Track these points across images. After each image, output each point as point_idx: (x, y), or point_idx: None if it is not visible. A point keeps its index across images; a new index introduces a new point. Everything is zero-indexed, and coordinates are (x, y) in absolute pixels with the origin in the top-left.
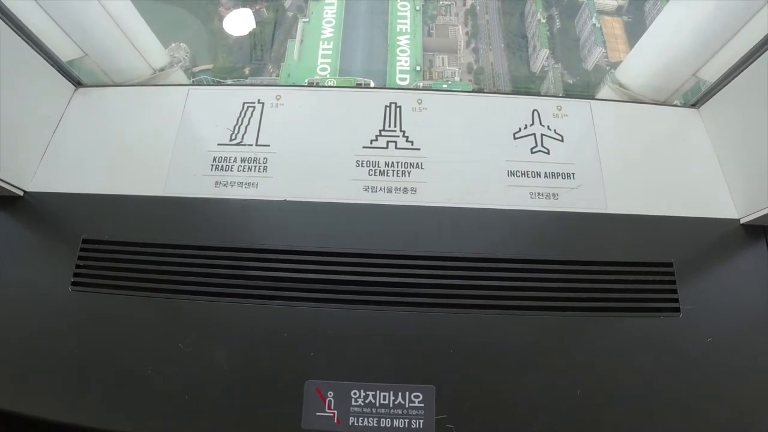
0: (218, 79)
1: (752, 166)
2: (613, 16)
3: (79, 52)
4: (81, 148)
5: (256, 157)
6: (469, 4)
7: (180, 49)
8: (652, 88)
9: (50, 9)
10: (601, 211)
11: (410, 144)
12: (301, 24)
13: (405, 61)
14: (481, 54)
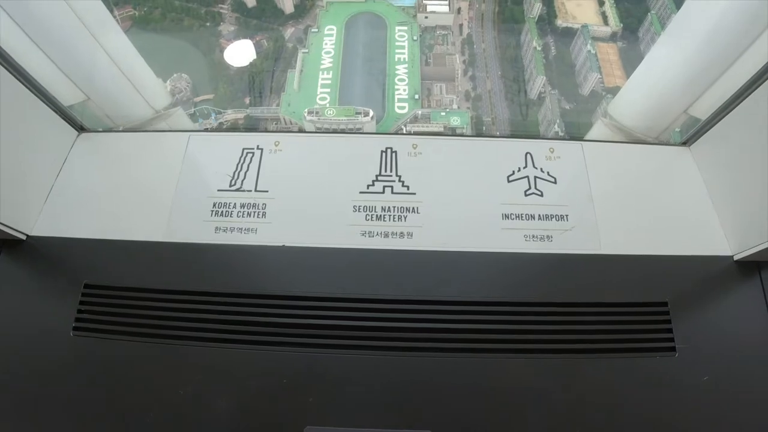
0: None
1: (744, 203)
2: (607, 43)
3: (82, 96)
4: (83, 193)
5: (255, 202)
6: (465, 34)
7: (182, 80)
8: (644, 124)
9: (53, 54)
10: (595, 252)
11: (406, 188)
12: (301, 55)
13: (403, 90)
14: (479, 82)
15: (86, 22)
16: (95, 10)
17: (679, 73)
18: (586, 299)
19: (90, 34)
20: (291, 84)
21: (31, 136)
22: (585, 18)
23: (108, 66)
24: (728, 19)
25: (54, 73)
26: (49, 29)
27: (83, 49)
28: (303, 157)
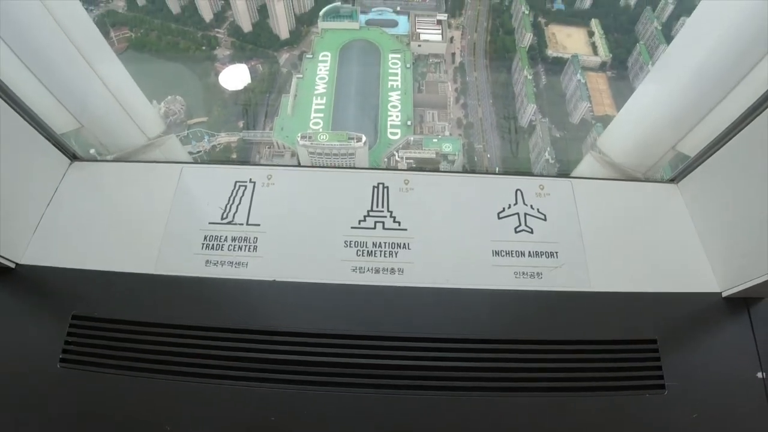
0: (212, 132)
1: (732, 239)
2: (597, 72)
3: (75, 124)
4: (74, 223)
5: (246, 236)
6: (458, 62)
7: (176, 102)
8: (633, 159)
9: (47, 81)
10: (585, 290)
11: (397, 224)
12: (295, 80)
13: (396, 116)
14: (471, 109)
15: (82, 49)
16: (91, 37)
17: (667, 110)
18: (576, 337)
19: (85, 61)
20: (285, 108)
21: (22, 163)
22: (575, 48)
23: (103, 93)
24: (715, 57)
25: (48, 101)
26: (44, 56)
27: (78, 77)
28: (295, 191)
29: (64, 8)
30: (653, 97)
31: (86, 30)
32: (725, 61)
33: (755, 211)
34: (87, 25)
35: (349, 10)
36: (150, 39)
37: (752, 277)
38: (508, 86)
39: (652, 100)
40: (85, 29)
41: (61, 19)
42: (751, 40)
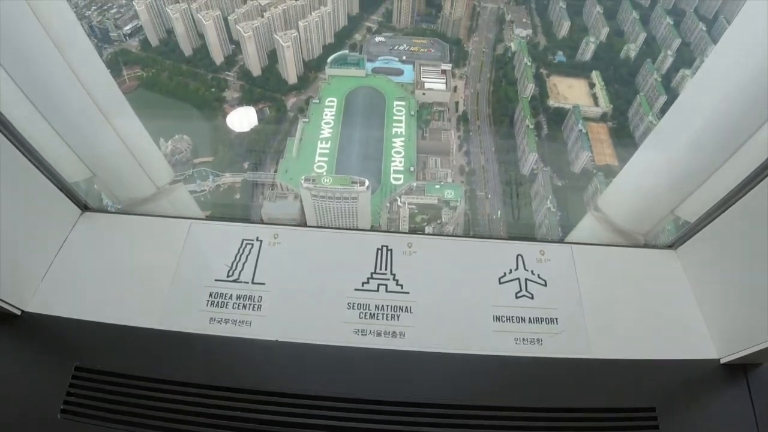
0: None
1: (730, 306)
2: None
3: (88, 173)
4: (82, 273)
5: (251, 295)
6: (461, 111)
7: (182, 141)
8: (632, 221)
9: (62, 131)
10: (584, 357)
11: (400, 287)
12: (301, 123)
13: (399, 162)
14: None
15: (98, 100)
16: (107, 89)
17: (665, 175)
18: (576, 405)
19: (101, 112)
20: (290, 151)
21: (34, 211)
22: (576, 99)
23: (116, 143)
24: (714, 124)
25: (62, 149)
26: (60, 106)
27: (93, 127)
28: (301, 251)
29: (83, 61)
30: (652, 161)
31: (103, 82)
32: (723, 128)
33: (753, 279)
34: (104, 77)
35: (356, 58)
36: (161, 79)
37: (751, 344)
38: (510, 135)
39: (650, 165)
40: (102, 81)
41: (79, 70)
42: (749, 107)
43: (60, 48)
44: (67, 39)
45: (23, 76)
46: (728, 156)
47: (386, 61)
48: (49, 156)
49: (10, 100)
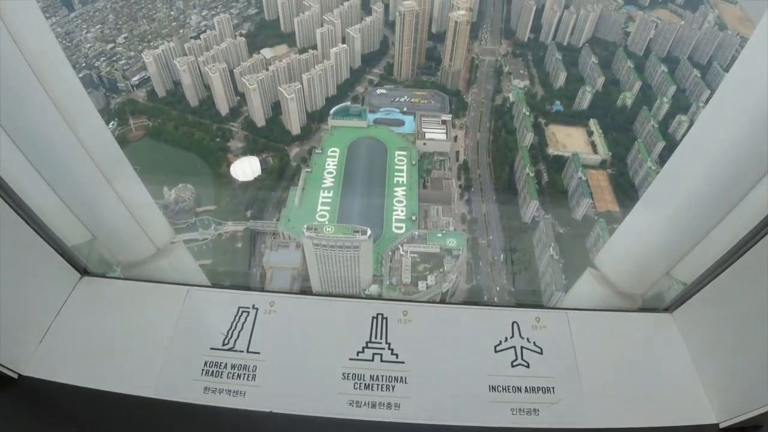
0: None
1: (729, 370)
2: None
3: (89, 235)
4: (80, 338)
5: (246, 364)
6: (462, 160)
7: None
8: (628, 281)
9: (63, 194)
10: (582, 427)
11: (395, 357)
12: (304, 173)
13: (401, 211)
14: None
15: (100, 163)
16: (110, 152)
17: (659, 236)
18: None
19: (103, 175)
20: (292, 200)
21: (33, 275)
22: (575, 147)
23: (117, 205)
24: (706, 186)
25: (63, 212)
26: (62, 169)
27: (95, 189)
28: (296, 319)
29: (85, 123)
30: (646, 222)
31: (106, 145)
32: (715, 190)
33: (751, 341)
34: (107, 141)
35: (358, 109)
36: (167, 128)
37: (750, 407)
38: (510, 183)
39: (644, 225)
40: (105, 145)
41: (81, 133)
42: (740, 169)
43: (62, 110)
44: (70, 102)
45: (25, 139)
46: (721, 218)
47: (387, 112)
48: (49, 219)
49: (11, 162)
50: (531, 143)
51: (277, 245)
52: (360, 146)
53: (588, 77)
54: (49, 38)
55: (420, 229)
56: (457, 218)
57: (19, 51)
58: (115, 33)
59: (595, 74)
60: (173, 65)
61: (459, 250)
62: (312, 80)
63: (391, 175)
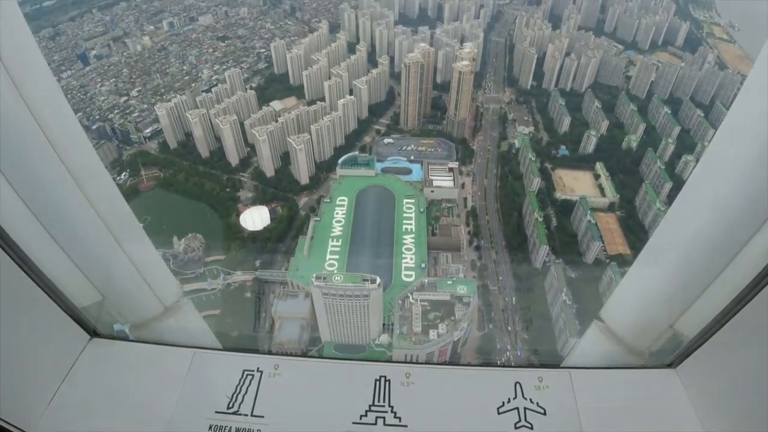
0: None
1: (734, 423)
2: (606, 213)
3: (98, 296)
4: (88, 400)
5: (250, 428)
6: (470, 206)
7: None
8: (633, 334)
9: (74, 256)
10: None
11: (398, 420)
12: (313, 222)
13: (410, 259)
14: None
15: (111, 225)
16: (120, 214)
17: (660, 290)
18: None
19: (113, 237)
20: (301, 250)
21: (44, 337)
22: (582, 190)
23: (127, 267)
24: (702, 241)
25: (73, 274)
26: (72, 230)
27: (104, 250)
28: (300, 382)
29: (96, 186)
30: (648, 275)
31: (116, 205)
32: (713, 242)
33: (755, 394)
34: (117, 201)
35: (366, 158)
36: (178, 179)
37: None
38: (519, 229)
39: (647, 279)
40: (115, 205)
41: (92, 195)
42: (736, 222)
43: (72, 172)
44: (81, 164)
45: (35, 201)
46: (720, 270)
47: (395, 161)
48: (59, 280)
49: (21, 223)
50: (538, 188)
51: (285, 295)
52: (368, 195)
53: (592, 121)
54: (63, 104)
55: (430, 276)
56: (467, 265)
57: (32, 115)
58: (129, 86)
59: (598, 118)
60: (185, 117)
61: (470, 297)
62: (320, 131)
63: (400, 222)
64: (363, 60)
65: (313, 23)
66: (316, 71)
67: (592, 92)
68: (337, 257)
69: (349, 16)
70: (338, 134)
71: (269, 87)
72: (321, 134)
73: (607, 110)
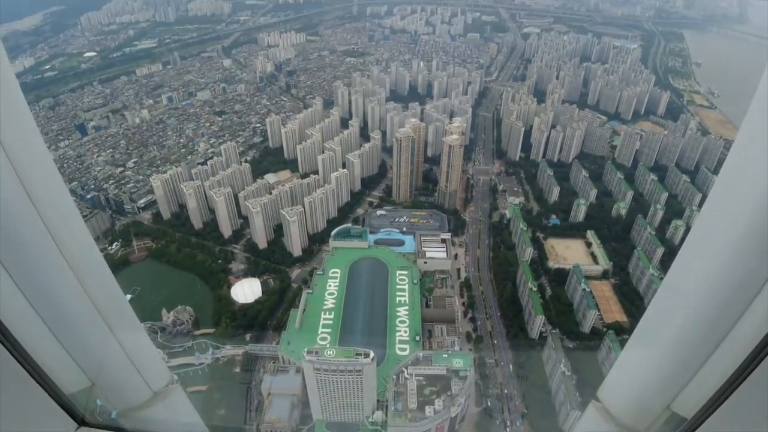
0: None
1: None
2: (600, 280)
3: (87, 382)
4: None
5: None
6: (463, 277)
7: (185, 312)
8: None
9: (64, 340)
10: None
11: None
12: (305, 295)
13: (404, 331)
14: (479, 323)
15: (102, 310)
16: (112, 297)
17: (655, 369)
18: None
19: (104, 321)
20: (293, 323)
21: (30, 425)
22: (575, 258)
23: (116, 351)
24: (694, 319)
25: (63, 358)
26: (64, 314)
27: (96, 334)
28: None
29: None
30: (642, 356)
31: (109, 290)
32: (706, 320)
33: None
34: (110, 286)
35: (359, 230)
36: (170, 250)
37: None
38: (514, 299)
39: (641, 360)
40: (108, 290)
41: (87, 282)
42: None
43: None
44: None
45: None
46: (714, 348)
47: (388, 233)
48: (48, 366)
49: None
50: (531, 257)
51: (276, 370)
52: (361, 267)
53: (580, 190)
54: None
55: (424, 349)
56: (462, 337)
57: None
58: (126, 157)
59: (587, 187)
60: (180, 189)
61: (466, 371)
62: (314, 203)
63: (393, 294)
64: (356, 134)
65: (308, 99)
66: (310, 145)
67: (579, 162)
68: (330, 331)
69: (343, 93)
70: (331, 206)
71: (264, 160)
72: (314, 206)
73: (594, 179)
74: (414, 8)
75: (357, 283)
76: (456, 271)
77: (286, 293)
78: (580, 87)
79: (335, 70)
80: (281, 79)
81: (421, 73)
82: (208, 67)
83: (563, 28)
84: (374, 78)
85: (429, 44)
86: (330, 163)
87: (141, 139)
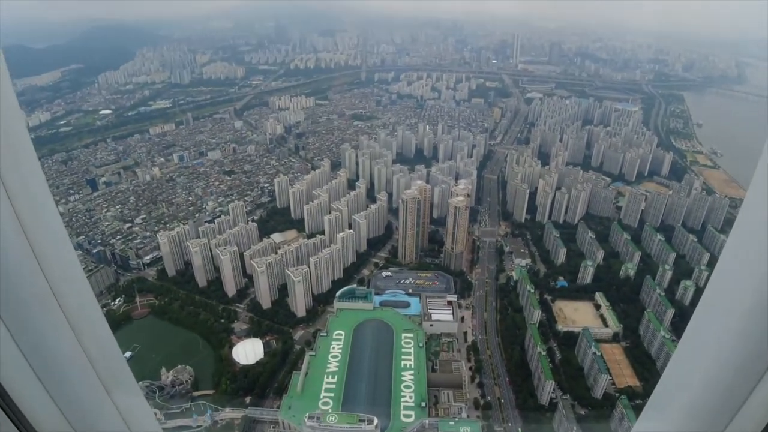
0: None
1: None
2: (611, 344)
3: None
4: None
5: None
6: (470, 341)
7: (185, 372)
8: None
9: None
10: None
11: None
12: (308, 357)
13: (410, 397)
14: (487, 389)
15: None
16: (113, 360)
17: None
18: None
19: (100, 382)
20: (294, 386)
21: None
22: (584, 321)
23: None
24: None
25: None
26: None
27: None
28: None
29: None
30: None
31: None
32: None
33: None
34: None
35: (364, 291)
36: (173, 307)
37: None
38: (523, 363)
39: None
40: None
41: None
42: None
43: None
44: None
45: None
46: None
47: (393, 294)
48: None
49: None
50: (539, 320)
51: None
52: (366, 329)
53: (587, 252)
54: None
55: (431, 416)
56: (469, 403)
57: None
58: (134, 213)
59: (593, 248)
60: (186, 246)
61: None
62: (319, 263)
63: (398, 358)
64: (362, 196)
65: (316, 161)
66: (317, 205)
67: (584, 223)
68: (332, 395)
69: (350, 155)
70: (337, 267)
71: (271, 219)
72: (319, 267)
73: (601, 240)
74: (420, 74)
75: (361, 345)
76: (463, 334)
77: (289, 355)
78: (584, 149)
79: (343, 133)
80: (290, 141)
81: (427, 136)
82: (219, 128)
83: (565, 92)
84: (381, 141)
85: (434, 109)
86: (336, 224)
87: (150, 196)
